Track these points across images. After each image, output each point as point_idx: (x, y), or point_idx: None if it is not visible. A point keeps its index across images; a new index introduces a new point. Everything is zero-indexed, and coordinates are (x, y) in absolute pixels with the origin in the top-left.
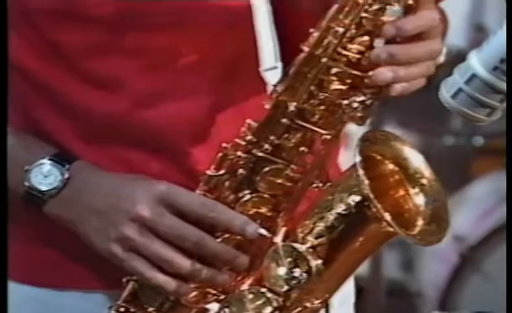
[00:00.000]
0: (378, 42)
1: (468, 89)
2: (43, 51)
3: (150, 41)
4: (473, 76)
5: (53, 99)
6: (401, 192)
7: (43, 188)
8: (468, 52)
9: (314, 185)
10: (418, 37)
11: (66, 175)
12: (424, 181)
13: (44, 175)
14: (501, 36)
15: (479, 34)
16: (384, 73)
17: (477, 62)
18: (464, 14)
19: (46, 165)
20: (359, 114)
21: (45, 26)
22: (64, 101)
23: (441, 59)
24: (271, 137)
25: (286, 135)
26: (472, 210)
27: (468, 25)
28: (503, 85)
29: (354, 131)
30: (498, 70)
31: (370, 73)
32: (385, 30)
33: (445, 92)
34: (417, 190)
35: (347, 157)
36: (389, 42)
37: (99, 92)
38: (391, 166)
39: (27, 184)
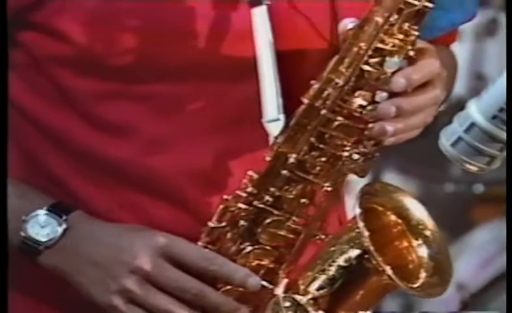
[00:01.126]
0: (379, 96)
1: (467, 138)
2: (51, 96)
3: (159, 88)
4: (473, 125)
5: (60, 143)
6: (404, 244)
7: (41, 238)
8: (467, 100)
9: (316, 237)
10: (421, 86)
11: (64, 226)
12: (427, 233)
13: (41, 225)
14: (499, 85)
15: (478, 83)
16: (384, 127)
17: (476, 111)
18: (463, 62)
19: (43, 215)
20: (359, 166)
21: (56, 73)
22: (72, 145)
23: (442, 106)
24: (272, 189)
25: (287, 187)
26: (473, 258)
27: (467, 74)
28: (502, 134)
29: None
30: (497, 119)
31: (370, 125)
32: (396, 83)
33: (445, 140)
34: (420, 241)
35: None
36: (391, 94)
37: (107, 137)
38: (393, 217)
39: (23, 234)
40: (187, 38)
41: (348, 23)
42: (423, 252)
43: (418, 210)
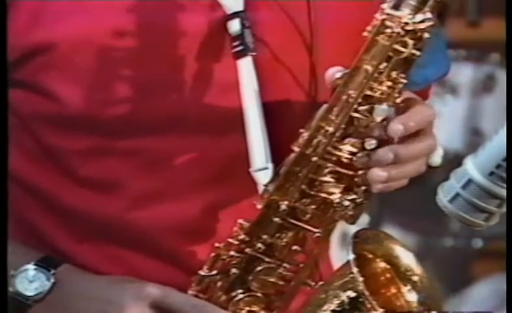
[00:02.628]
0: (369, 143)
1: (465, 194)
2: (36, 155)
3: (145, 143)
4: (470, 181)
5: (46, 201)
6: (393, 290)
7: (29, 293)
8: (464, 155)
9: (307, 284)
10: (416, 133)
11: (52, 280)
12: (415, 278)
13: (29, 280)
14: (496, 142)
15: (475, 138)
16: (378, 173)
17: (473, 168)
18: (460, 117)
19: (31, 270)
20: (350, 212)
21: (41, 131)
22: (58, 203)
23: (439, 161)
24: (264, 236)
25: (278, 234)
26: None
27: (464, 129)
28: (499, 191)
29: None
30: (494, 176)
31: (361, 172)
32: (393, 130)
33: (443, 196)
34: (408, 287)
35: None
36: (381, 141)
37: (94, 193)
38: (382, 264)
39: (11, 289)
40: (172, 91)
41: (335, 72)
42: (412, 297)
43: (406, 257)
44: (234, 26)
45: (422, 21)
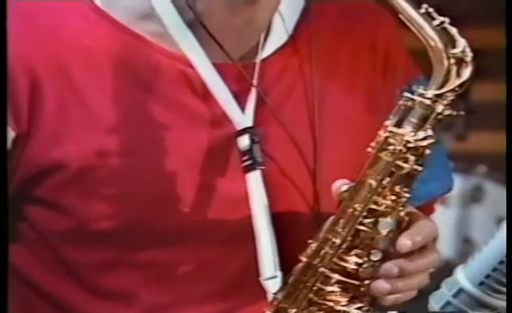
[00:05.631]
0: (375, 255)
1: (455, 302)
2: (54, 267)
3: (157, 255)
4: (460, 290)
5: (59, 309)
6: None
7: None
8: (455, 263)
9: None
10: (421, 249)
11: None
12: None
13: None
14: (486, 252)
15: (466, 247)
16: (382, 285)
17: (464, 278)
18: (451, 227)
19: None
20: None
21: (59, 246)
22: (72, 311)
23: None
24: None
25: None
26: None
27: (455, 238)
28: (489, 300)
29: None
30: (484, 285)
31: (366, 282)
32: (402, 246)
33: (434, 303)
34: None
35: None
36: (386, 253)
37: (107, 304)
38: None
39: None
40: (180, 205)
41: (342, 185)
42: None
43: None
44: (244, 141)
45: (423, 139)
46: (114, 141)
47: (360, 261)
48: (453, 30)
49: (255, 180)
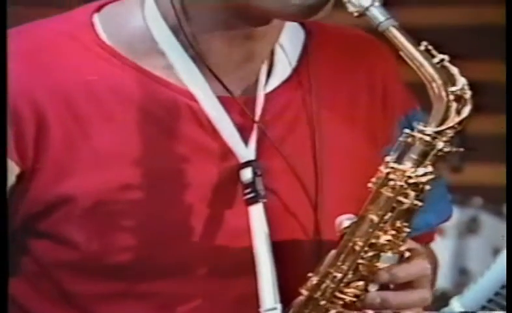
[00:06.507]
0: (373, 286)
1: None
2: (57, 300)
3: (159, 286)
4: None
5: None
6: None
7: None
8: (451, 293)
9: None
10: (409, 284)
11: None
12: None
13: None
14: (481, 283)
15: (462, 277)
16: None
17: (460, 308)
18: (448, 258)
19: None
20: None
21: (62, 278)
22: None
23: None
24: None
25: None
26: None
27: (451, 269)
28: None
29: None
30: None
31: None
32: (380, 277)
33: None
34: None
35: None
36: (382, 286)
37: None
38: None
39: None
40: (183, 237)
41: (344, 220)
42: None
43: None
44: (247, 174)
45: (423, 175)
46: (120, 176)
47: (359, 292)
48: (453, 68)
49: (257, 213)
